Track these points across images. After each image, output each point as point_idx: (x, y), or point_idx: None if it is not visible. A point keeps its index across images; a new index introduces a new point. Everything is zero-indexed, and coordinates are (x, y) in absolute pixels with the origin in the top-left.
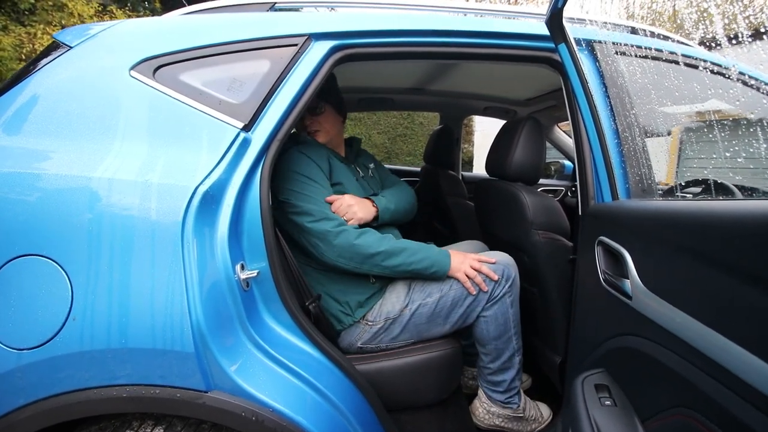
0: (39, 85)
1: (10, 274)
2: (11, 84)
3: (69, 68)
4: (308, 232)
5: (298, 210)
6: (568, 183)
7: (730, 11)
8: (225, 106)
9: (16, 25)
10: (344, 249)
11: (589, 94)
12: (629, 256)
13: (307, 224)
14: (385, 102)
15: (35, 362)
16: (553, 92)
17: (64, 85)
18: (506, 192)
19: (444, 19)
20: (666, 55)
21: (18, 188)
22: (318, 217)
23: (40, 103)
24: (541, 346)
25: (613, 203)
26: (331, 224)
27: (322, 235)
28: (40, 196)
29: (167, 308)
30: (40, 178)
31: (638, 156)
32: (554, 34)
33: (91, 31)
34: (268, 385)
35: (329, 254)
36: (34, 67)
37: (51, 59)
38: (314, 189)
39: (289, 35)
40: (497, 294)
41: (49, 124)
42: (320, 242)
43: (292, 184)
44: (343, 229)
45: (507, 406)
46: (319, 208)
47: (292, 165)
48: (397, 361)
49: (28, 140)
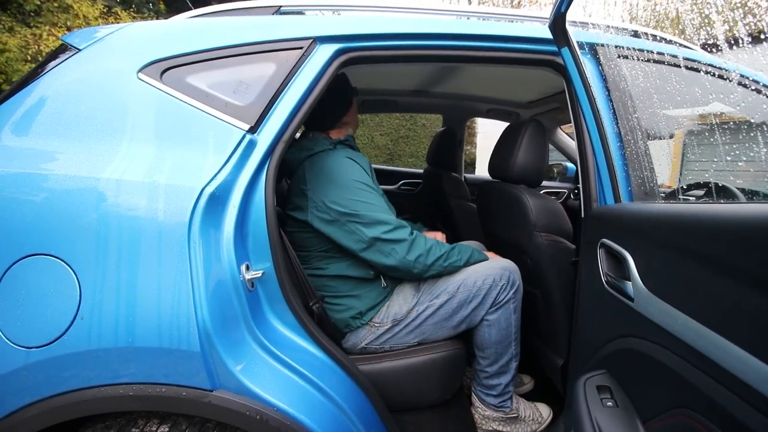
0: (48, 88)
1: (19, 273)
2: (21, 86)
3: (78, 70)
4: (384, 241)
5: (369, 220)
6: (571, 185)
7: (731, 16)
8: (231, 108)
9: (21, 26)
10: (421, 254)
11: (591, 97)
12: (631, 259)
13: (384, 235)
14: (388, 104)
15: (43, 360)
16: (556, 95)
17: (73, 87)
18: (509, 194)
19: (448, 22)
20: (668, 58)
21: (28, 189)
22: (394, 226)
23: (49, 105)
24: (543, 347)
25: (615, 206)
26: (406, 231)
27: (401, 242)
28: (50, 196)
29: (174, 308)
30: (50, 179)
31: (641, 159)
32: (557, 37)
33: (99, 34)
34: (272, 384)
35: (408, 260)
36: (42, 70)
37: (60, 61)
38: (377, 197)
39: (295, 38)
40: (502, 299)
41: (58, 126)
42: (398, 248)
43: (356, 194)
44: (416, 235)
45: (499, 409)
46: (391, 217)
47: (348, 173)
48: (399, 362)
49: (37, 141)
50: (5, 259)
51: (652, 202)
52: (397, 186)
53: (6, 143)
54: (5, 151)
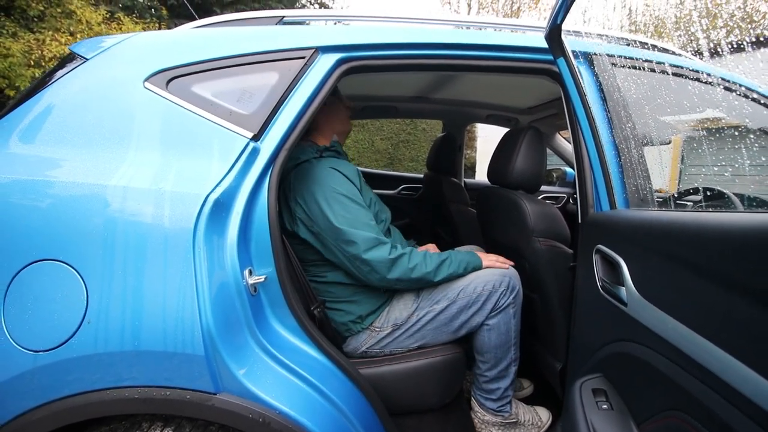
0: (56, 96)
1: (28, 278)
2: (29, 94)
3: (85, 80)
4: (362, 261)
5: (348, 238)
6: (570, 190)
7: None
8: (235, 117)
9: (25, 31)
10: (402, 274)
11: (587, 106)
12: (625, 264)
13: (362, 254)
14: (388, 110)
15: (50, 364)
16: (554, 101)
17: (81, 95)
18: (507, 200)
19: (447, 32)
20: (664, 66)
21: (38, 195)
22: (372, 245)
23: (57, 114)
24: (542, 351)
25: (610, 212)
26: (385, 250)
27: (380, 262)
28: (58, 202)
29: (178, 312)
30: (58, 186)
31: (636, 166)
32: (553, 48)
33: (106, 44)
34: (274, 387)
35: (388, 279)
36: (50, 78)
37: (67, 71)
38: (359, 209)
39: (297, 48)
40: (502, 304)
41: (66, 134)
42: (377, 267)
43: (336, 208)
44: (399, 253)
45: (499, 413)
46: (370, 234)
47: (330, 184)
48: (400, 366)
49: (46, 149)
50: (14, 264)
51: (647, 208)
52: (398, 191)
53: (15, 151)
54: (15, 159)
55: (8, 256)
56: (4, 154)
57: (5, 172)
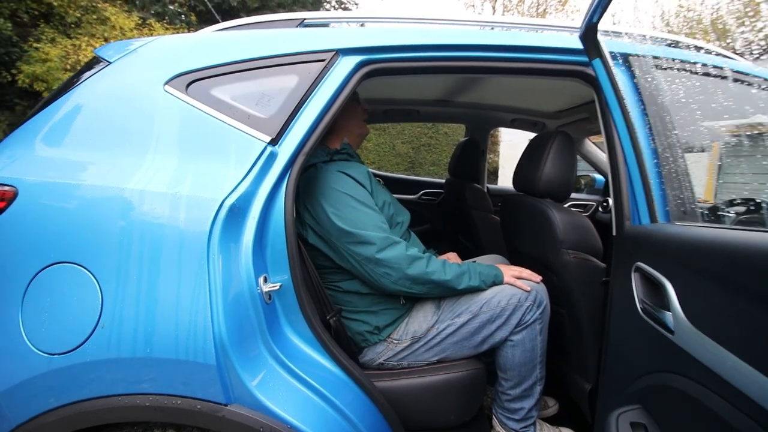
0: (78, 99)
1: (46, 281)
2: (54, 97)
3: (107, 83)
4: (375, 262)
5: (359, 239)
6: (599, 198)
7: None
8: (253, 120)
9: (63, 37)
10: (421, 273)
11: (626, 111)
12: (671, 287)
13: (375, 254)
14: (410, 114)
15: (64, 367)
16: (584, 105)
17: (103, 99)
18: (534, 209)
19: (472, 33)
20: (709, 69)
21: (57, 198)
22: (383, 245)
23: (79, 117)
24: (569, 370)
25: (652, 227)
26: (400, 249)
27: (397, 259)
28: (76, 205)
29: (191, 319)
30: (77, 188)
31: (679, 176)
32: (589, 48)
33: (129, 47)
34: (287, 400)
35: (406, 277)
36: (75, 81)
37: (91, 74)
38: (368, 212)
39: (317, 51)
40: (528, 319)
41: (87, 137)
42: (395, 263)
43: (345, 211)
44: (417, 255)
45: None
46: (381, 235)
47: (339, 188)
48: (417, 380)
49: (67, 152)
50: (33, 266)
51: (693, 223)
52: (418, 196)
53: (39, 154)
54: (38, 162)
55: (28, 258)
56: (29, 157)
57: (29, 174)
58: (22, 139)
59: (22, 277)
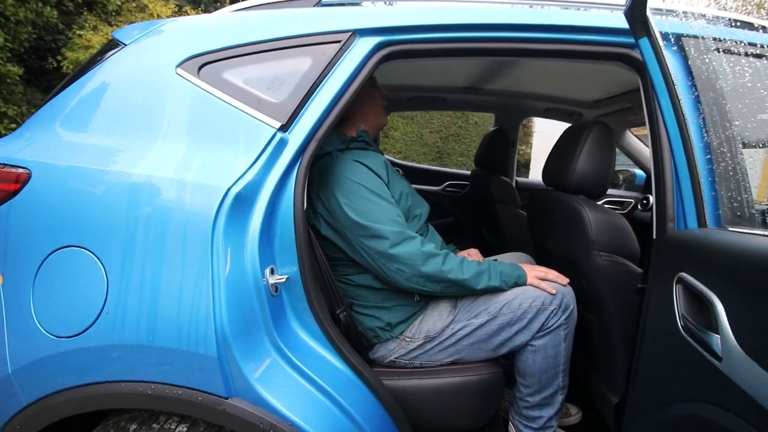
0: (94, 83)
1: (55, 263)
2: (72, 80)
3: (122, 66)
4: (388, 257)
5: (372, 233)
6: (639, 195)
7: None
8: (264, 105)
9: (104, 25)
10: (436, 271)
11: (676, 99)
12: (721, 306)
13: (389, 249)
14: (436, 101)
15: (71, 350)
16: (627, 93)
17: (116, 82)
18: (565, 205)
19: (504, 11)
20: None
21: (67, 181)
22: (398, 240)
23: (93, 100)
24: (595, 379)
25: (700, 232)
26: (415, 244)
27: (411, 255)
28: (84, 189)
29: (193, 309)
30: (86, 173)
31: (736, 176)
32: (635, 27)
33: (144, 30)
34: (289, 396)
35: (415, 280)
36: (92, 64)
37: (107, 57)
38: (384, 205)
39: (333, 31)
40: (551, 324)
41: (99, 120)
42: (410, 259)
43: (359, 202)
44: (433, 252)
45: None
46: (396, 229)
47: (353, 178)
48: (430, 381)
49: (78, 135)
50: (44, 249)
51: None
52: (442, 187)
53: (51, 136)
54: (50, 144)
55: (39, 240)
56: (44, 140)
57: (42, 157)
58: (41, 121)
59: (33, 259)
